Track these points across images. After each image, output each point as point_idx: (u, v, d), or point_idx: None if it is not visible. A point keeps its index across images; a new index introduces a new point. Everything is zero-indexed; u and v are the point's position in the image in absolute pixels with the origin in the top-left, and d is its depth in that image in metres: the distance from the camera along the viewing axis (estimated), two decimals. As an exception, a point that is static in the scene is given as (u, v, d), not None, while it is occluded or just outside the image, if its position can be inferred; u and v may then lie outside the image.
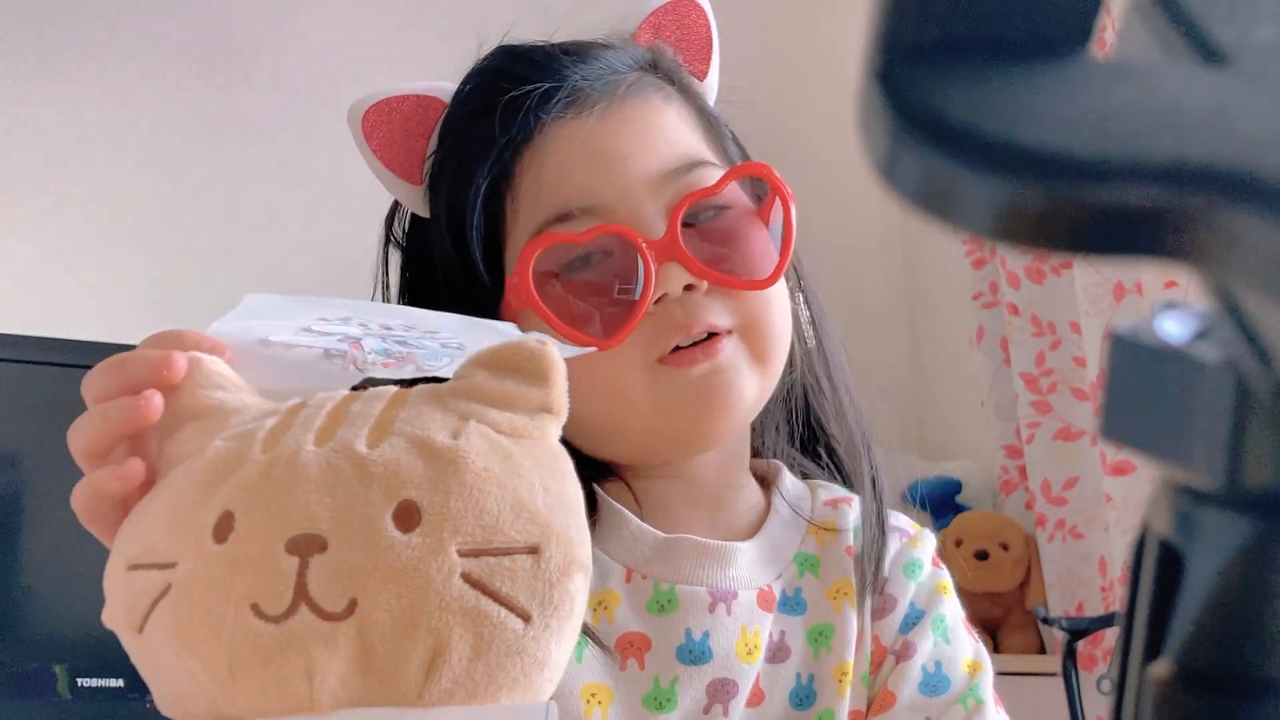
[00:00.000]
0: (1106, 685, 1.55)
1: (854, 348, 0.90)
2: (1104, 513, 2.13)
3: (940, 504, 2.36)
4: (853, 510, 0.83)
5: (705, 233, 0.76)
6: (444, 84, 0.81)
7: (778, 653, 0.78)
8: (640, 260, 0.73)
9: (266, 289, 0.61)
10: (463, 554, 0.48)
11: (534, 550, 0.49)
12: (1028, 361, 2.29)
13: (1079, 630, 1.88)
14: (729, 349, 0.74)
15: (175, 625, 0.48)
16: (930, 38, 0.21)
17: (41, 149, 2.25)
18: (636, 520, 0.78)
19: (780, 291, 0.78)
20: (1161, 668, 0.25)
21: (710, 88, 0.85)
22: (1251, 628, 0.24)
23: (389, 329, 0.60)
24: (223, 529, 0.48)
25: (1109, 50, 0.24)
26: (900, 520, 0.85)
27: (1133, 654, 0.27)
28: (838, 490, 0.85)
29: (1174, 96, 0.21)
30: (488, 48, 0.82)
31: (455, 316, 0.61)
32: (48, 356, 1.85)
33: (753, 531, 0.81)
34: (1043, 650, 2.22)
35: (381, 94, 0.80)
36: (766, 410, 0.83)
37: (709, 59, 0.84)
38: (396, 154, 0.80)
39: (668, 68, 0.82)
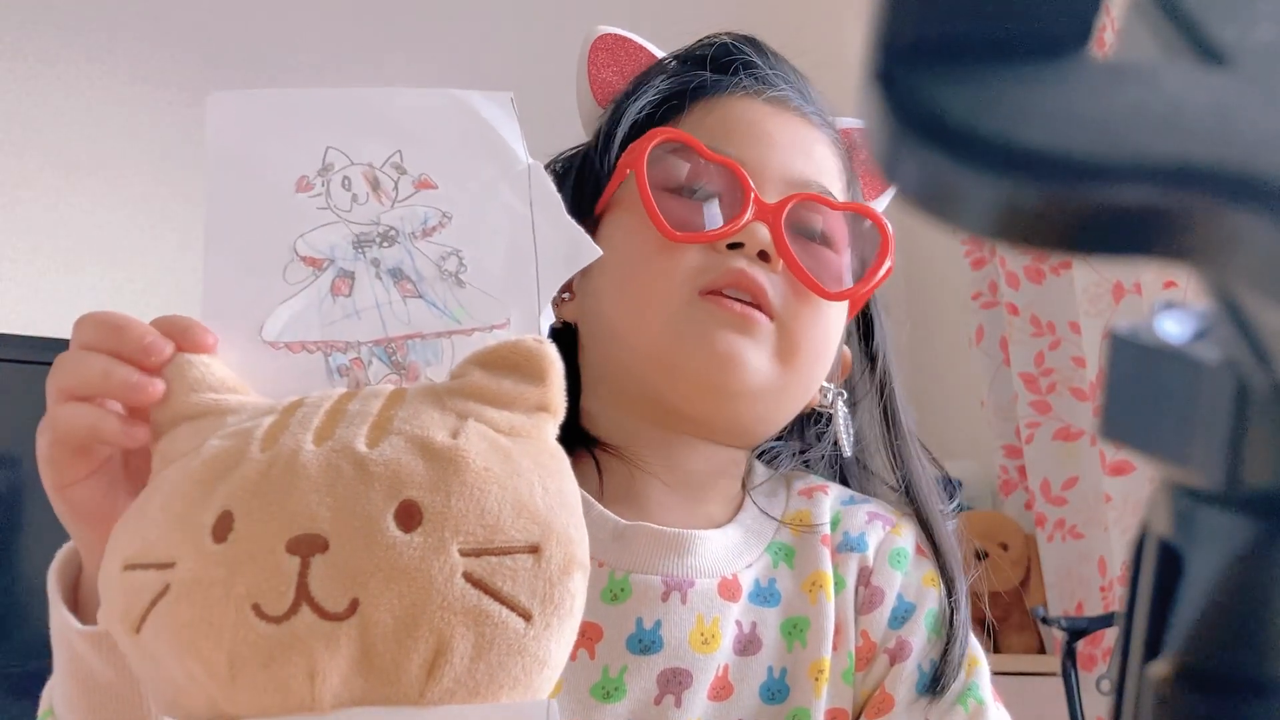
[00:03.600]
0: (1106, 685, 1.55)
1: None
2: (1103, 512, 2.13)
3: (940, 504, 2.36)
4: (828, 498, 0.83)
5: (805, 242, 0.79)
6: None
7: (749, 645, 0.77)
8: (742, 204, 0.76)
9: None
10: (464, 553, 0.47)
11: (535, 550, 0.49)
12: (1027, 361, 2.29)
13: (1078, 630, 1.88)
14: (764, 327, 0.76)
15: (175, 625, 0.48)
16: (930, 38, 0.21)
17: (42, 149, 2.25)
18: (599, 506, 0.78)
19: (828, 326, 0.80)
20: (1161, 668, 0.25)
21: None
22: (1251, 628, 0.24)
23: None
24: (222, 528, 0.48)
25: (1109, 50, 0.24)
26: (880, 507, 0.84)
27: (1132, 654, 0.27)
28: (812, 479, 0.86)
29: (1174, 97, 0.21)
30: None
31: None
32: (48, 356, 1.84)
33: (725, 522, 0.81)
34: (1042, 650, 2.22)
35: (622, 31, 0.87)
36: (791, 453, 0.86)
37: (884, 189, 0.90)
38: (601, 78, 0.87)
39: (848, 151, 0.86)
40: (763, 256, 0.76)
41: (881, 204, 0.89)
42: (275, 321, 0.59)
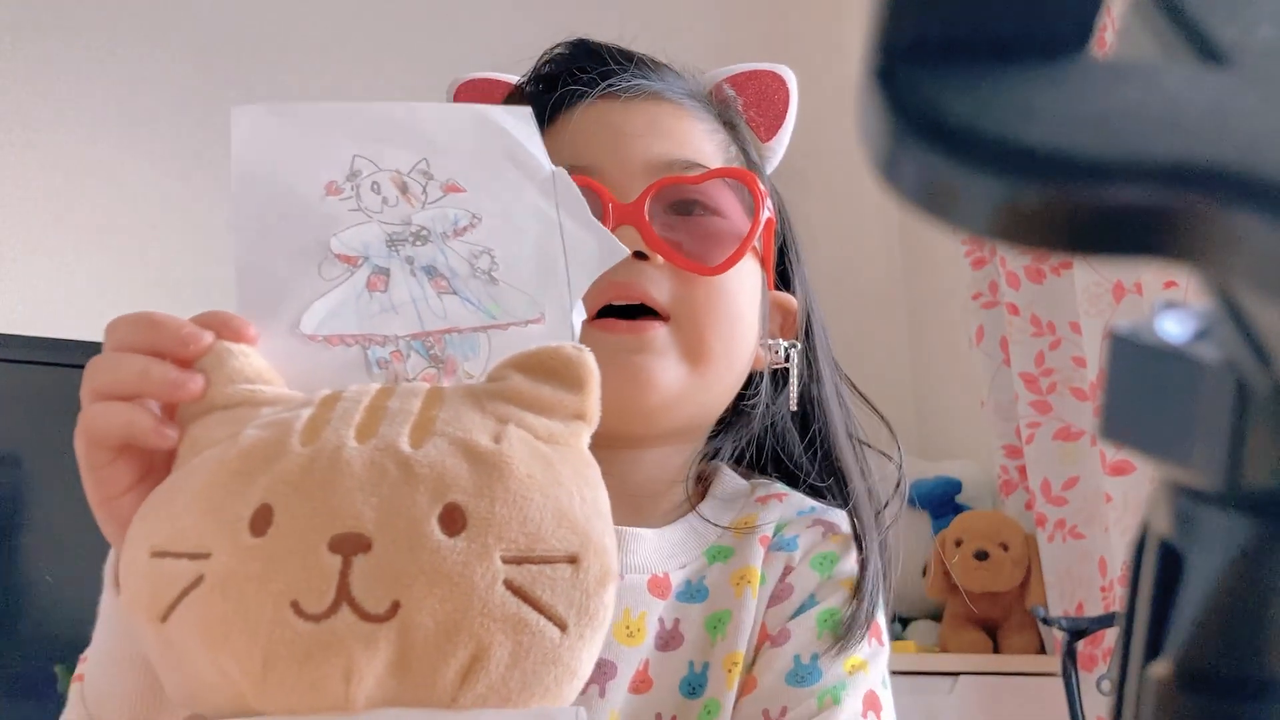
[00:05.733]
0: (1106, 685, 1.55)
1: (854, 348, 0.91)
2: (1104, 513, 2.13)
3: (940, 504, 2.36)
4: (781, 504, 0.83)
5: (682, 222, 0.79)
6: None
7: (669, 640, 0.78)
8: (602, 215, 0.76)
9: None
10: (506, 561, 0.47)
11: (574, 560, 0.49)
12: (1027, 361, 2.29)
13: (1079, 630, 1.88)
14: (660, 334, 0.77)
15: (207, 618, 0.47)
16: (930, 38, 0.21)
17: (41, 149, 2.25)
18: None
19: (729, 300, 0.79)
20: (1161, 668, 0.25)
21: (772, 151, 0.90)
22: (1251, 628, 0.24)
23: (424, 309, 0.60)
24: (261, 522, 0.48)
25: (1109, 50, 0.24)
26: (835, 515, 0.84)
27: (1133, 654, 0.26)
28: (775, 487, 0.85)
29: (1174, 96, 0.21)
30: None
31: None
32: (48, 356, 1.85)
33: (669, 524, 0.81)
34: (1043, 650, 2.22)
35: (481, 75, 0.87)
36: (733, 434, 0.85)
37: (778, 127, 0.90)
38: None
39: (721, 106, 0.86)
40: (641, 255, 0.77)
41: (784, 139, 0.90)
42: (313, 315, 0.59)
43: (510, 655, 0.47)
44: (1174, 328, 0.25)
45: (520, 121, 0.64)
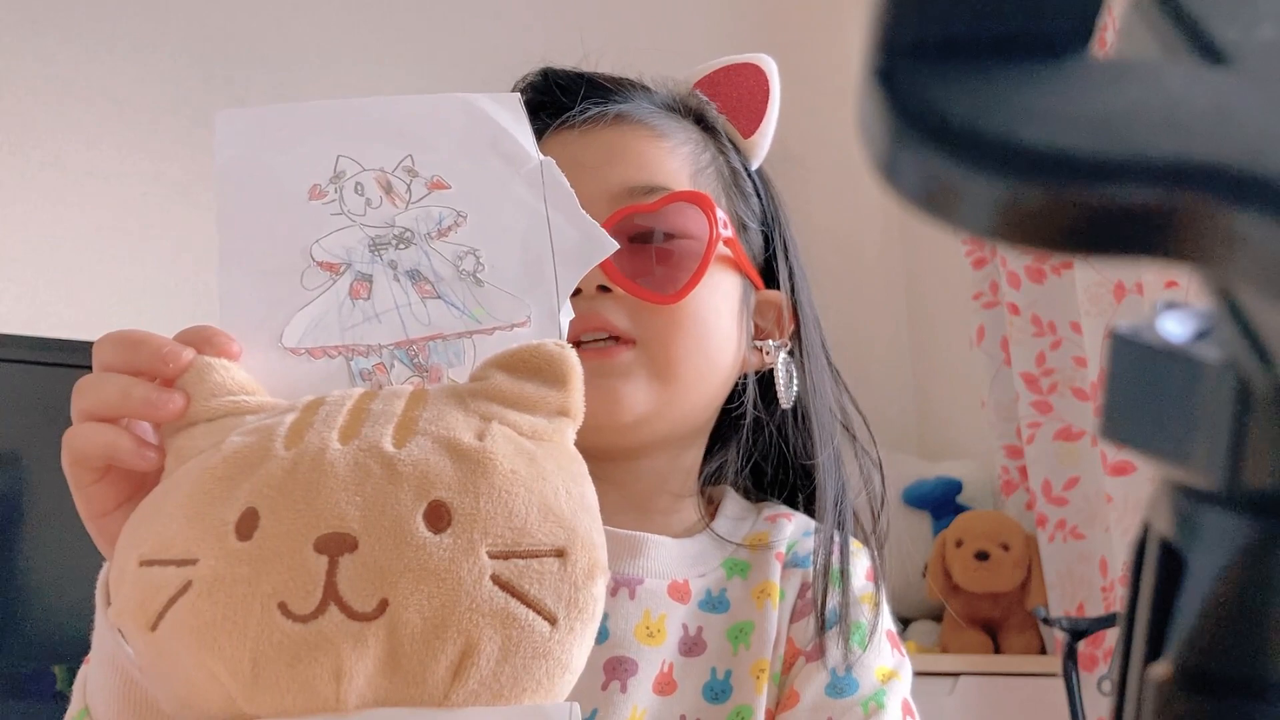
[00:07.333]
0: (1107, 686, 1.55)
1: (854, 348, 0.91)
2: (1104, 513, 2.13)
3: (940, 504, 2.36)
4: (790, 524, 0.85)
5: (644, 250, 0.79)
6: None
7: (693, 647, 0.80)
8: None
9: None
10: (493, 556, 0.48)
11: (561, 553, 0.49)
12: (1028, 361, 2.29)
13: (1080, 631, 1.88)
14: (626, 358, 0.78)
15: (196, 623, 0.47)
16: (930, 38, 0.21)
17: (41, 150, 2.25)
18: None
19: (694, 320, 0.80)
20: (1162, 668, 0.25)
21: (755, 145, 0.89)
22: (1252, 628, 0.24)
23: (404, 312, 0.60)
24: (246, 526, 0.48)
25: (1110, 50, 0.24)
26: (840, 536, 0.85)
27: (1134, 654, 0.26)
28: (780, 508, 0.88)
29: (1175, 96, 0.21)
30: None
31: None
32: (48, 356, 1.85)
33: (684, 536, 0.83)
34: (1043, 651, 2.22)
35: None
36: (722, 439, 0.87)
37: (759, 121, 0.88)
38: None
39: (698, 114, 0.86)
40: (605, 288, 0.78)
41: (766, 132, 0.88)
42: (295, 327, 0.59)
43: (500, 650, 0.47)
44: (1174, 328, 0.25)
45: (509, 111, 0.63)
